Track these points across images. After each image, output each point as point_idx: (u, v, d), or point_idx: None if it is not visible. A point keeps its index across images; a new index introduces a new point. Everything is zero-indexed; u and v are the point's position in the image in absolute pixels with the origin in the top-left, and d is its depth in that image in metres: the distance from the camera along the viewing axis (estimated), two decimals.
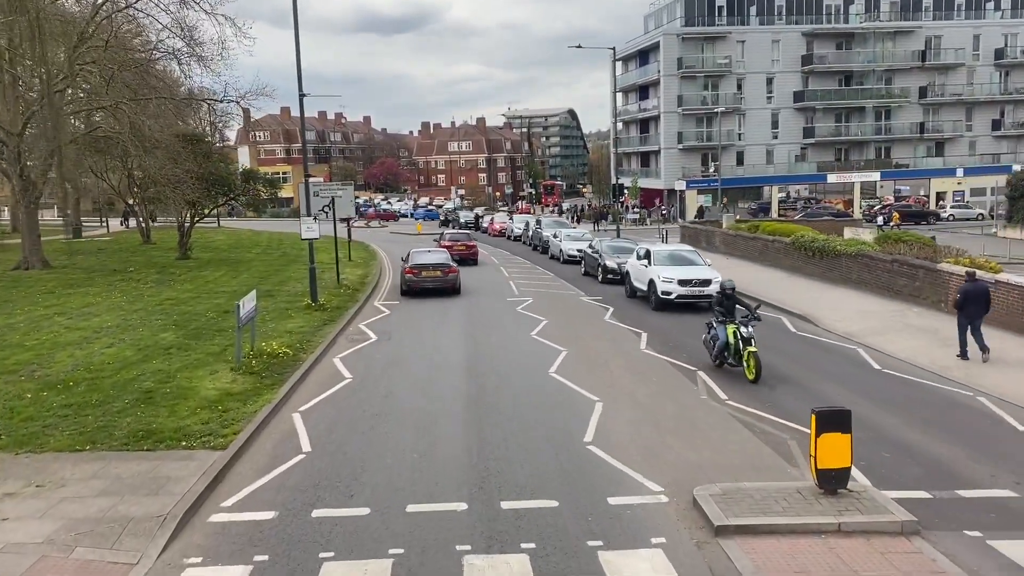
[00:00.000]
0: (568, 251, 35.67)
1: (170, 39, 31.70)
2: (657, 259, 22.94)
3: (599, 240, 32.16)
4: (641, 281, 23.23)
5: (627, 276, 24.60)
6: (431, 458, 10.31)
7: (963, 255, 21.83)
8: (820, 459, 8.56)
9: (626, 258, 28.24)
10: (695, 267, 22.46)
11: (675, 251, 24.31)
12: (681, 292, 21.39)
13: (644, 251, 24.07)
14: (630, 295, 24.13)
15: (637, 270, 23.72)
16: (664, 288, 21.54)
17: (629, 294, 24.25)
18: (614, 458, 10.22)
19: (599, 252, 29.51)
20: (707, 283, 21.23)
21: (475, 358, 16.16)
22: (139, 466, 9.87)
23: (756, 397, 13.23)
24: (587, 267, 30.83)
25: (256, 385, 13.64)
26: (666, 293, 21.50)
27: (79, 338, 17.39)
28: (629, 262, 24.82)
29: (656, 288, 21.75)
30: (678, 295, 21.42)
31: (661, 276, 21.73)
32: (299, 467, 10.13)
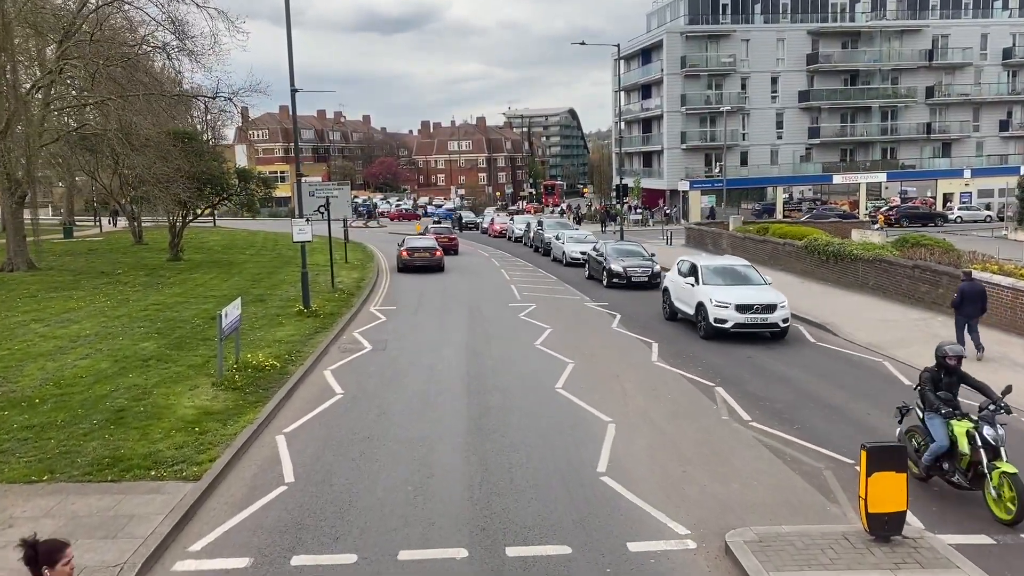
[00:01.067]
0: (571, 253, 34.58)
1: (159, 32, 30.65)
2: (706, 276, 19.00)
3: (603, 243, 30.72)
4: (686, 303, 19.28)
5: (666, 293, 20.75)
6: (427, 492, 9.24)
7: (988, 260, 20.76)
8: (871, 502, 7.49)
9: (631, 261, 27.29)
10: (755, 287, 18.58)
11: (727, 265, 19.93)
12: (740, 320, 17.37)
13: (689, 266, 19.93)
14: (669, 317, 20.41)
15: (680, 289, 19.80)
16: (718, 315, 17.58)
17: (668, 315, 20.49)
18: (632, 492, 9.16)
19: (603, 255, 28.27)
20: (771, 309, 17.48)
21: (476, 372, 15.09)
22: (100, 501, 8.79)
23: (781, 418, 12.17)
24: (591, 271, 29.59)
25: (238, 403, 12.56)
26: (720, 321, 17.55)
27: (53, 348, 16.31)
28: (668, 277, 20.97)
29: (707, 314, 17.79)
30: (736, 324, 17.39)
31: (714, 299, 17.78)
32: (280, 502, 9.06)
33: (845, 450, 10.66)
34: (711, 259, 20.96)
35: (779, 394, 13.53)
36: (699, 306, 18.33)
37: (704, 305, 18.04)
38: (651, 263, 27.43)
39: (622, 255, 27.93)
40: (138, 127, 28.38)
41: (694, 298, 18.73)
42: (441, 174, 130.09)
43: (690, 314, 18.97)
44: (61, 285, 26.65)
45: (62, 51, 28.42)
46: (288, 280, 28.13)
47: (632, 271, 26.84)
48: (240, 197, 38.47)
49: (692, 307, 18.85)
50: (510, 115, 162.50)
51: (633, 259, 27.66)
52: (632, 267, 26.98)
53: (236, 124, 55.22)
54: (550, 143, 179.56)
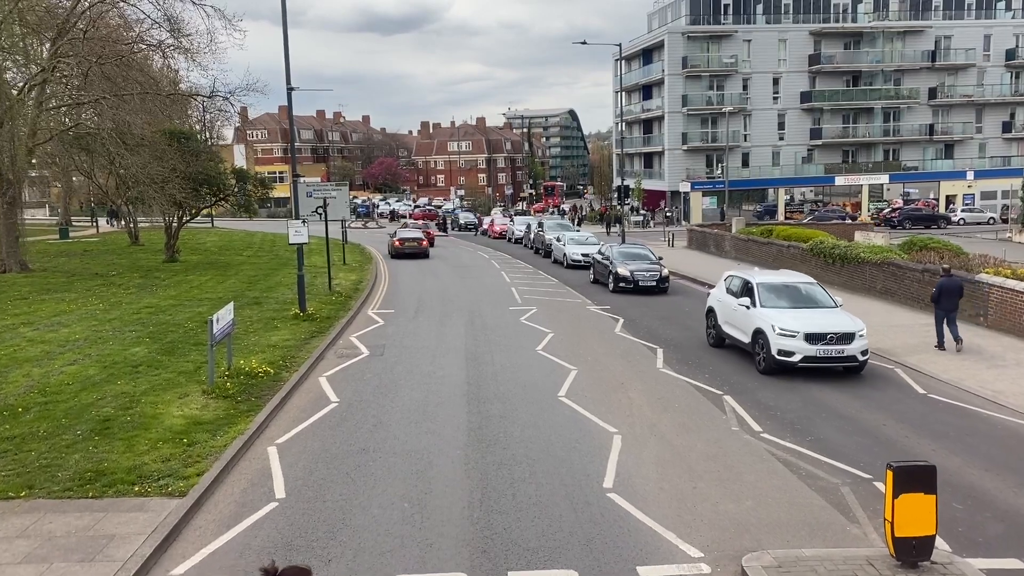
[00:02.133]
0: (572, 255, 34.00)
1: (154, 30, 30.20)
2: (764, 296, 15.85)
3: (609, 246, 29.64)
4: (738, 328, 16.20)
5: (711, 314, 17.76)
6: (425, 509, 8.77)
7: (1000, 264, 20.31)
8: (898, 525, 7.02)
9: (638, 265, 26.47)
10: (824, 311, 15.45)
11: (789, 283, 16.59)
12: (810, 353, 14.34)
13: (740, 283, 16.81)
14: (715, 343, 17.41)
15: (729, 311, 16.76)
16: (783, 346, 14.49)
17: (714, 342, 17.48)
18: (640, 510, 8.69)
19: (609, 259, 27.42)
20: (848, 339, 14.41)
21: (476, 379, 14.62)
22: (79, 520, 8.32)
23: (794, 429, 11.71)
24: (596, 274, 28.74)
25: (229, 412, 12.09)
26: (785, 353, 14.47)
27: (41, 353, 15.83)
28: (713, 294, 18.21)
29: (768, 344, 14.67)
30: (805, 357, 14.36)
31: (776, 326, 14.64)
32: (270, 519, 8.59)
33: (862, 464, 10.21)
34: (767, 275, 17.43)
35: (790, 403, 13.08)
36: (757, 334, 15.15)
37: (764, 334, 14.87)
38: (659, 267, 26.66)
39: (628, 258, 27.16)
40: (132, 126, 27.92)
41: (749, 324, 15.56)
42: (441, 174, 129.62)
43: (743, 342, 15.87)
44: (54, 287, 26.19)
45: (55, 49, 27.96)
46: (285, 282, 27.67)
47: (639, 275, 26.06)
48: (237, 198, 37.99)
49: (747, 334, 15.67)
50: (510, 116, 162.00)
51: (640, 263, 26.85)
52: (639, 271, 26.18)
53: (235, 124, 54.77)
54: (550, 144, 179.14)
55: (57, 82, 29.92)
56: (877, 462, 10.23)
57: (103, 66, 27.15)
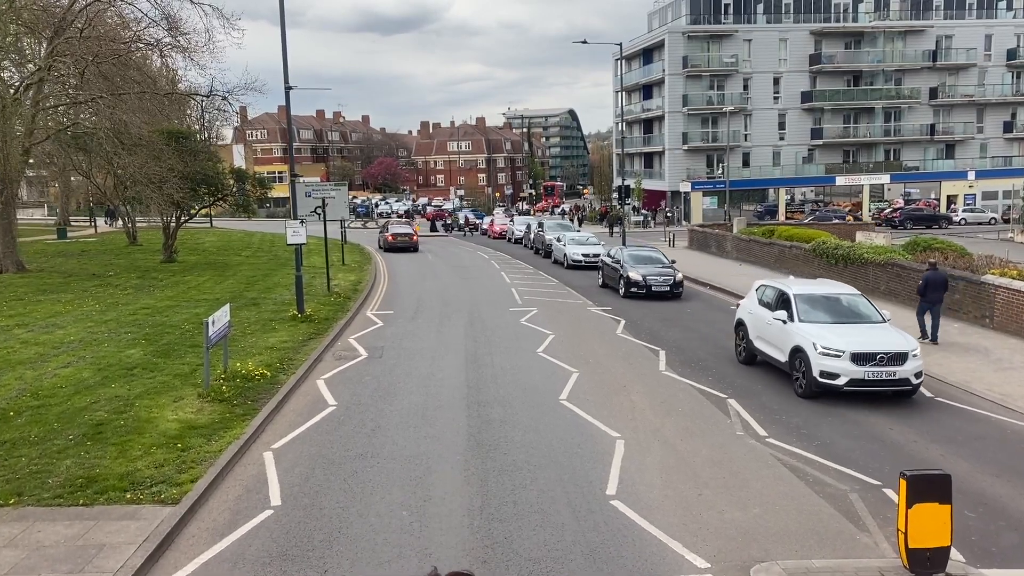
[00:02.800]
0: (573, 256, 33.55)
1: (151, 28, 29.98)
2: (804, 310, 14.14)
3: (619, 248, 27.92)
4: (773, 345, 14.56)
5: (741, 328, 16.08)
6: (424, 518, 8.56)
7: (1007, 265, 20.10)
8: (912, 536, 6.82)
9: (650, 269, 25.08)
10: (871, 327, 13.70)
11: (830, 295, 14.75)
12: (857, 375, 12.66)
13: (775, 294, 15.09)
14: (746, 360, 15.73)
15: (762, 325, 15.09)
16: (826, 366, 12.85)
17: (745, 359, 15.78)
18: (644, 519, 8.48)
19: (620, 262, 25.98)
20: (900, 359, 12.70)
21: (476, 382, 14.40)
22: (68, 528, 8.11)
23: (799, 433, 11.50)
24: (605, 278, 27.28)
25: (225, 415, 11.88)
26: (829, 376, 12.83)
27: (35, 355, 15.61)
28: (743, 306, 16.47)
29: (809, 365, 13.06)
30: (852, 380, 12.69)
31: (819, 345, 13.05)
32: (265, 528, 8.38)
33: (870, 470, 10.00)
34: (805, 285, 15.56)
35: (795, 407, 12.88)
36: (795, 353, 13.58)
37: (803, 352, 13.29)
38: (672, 271, 25.33)
39: (640, 262, 25.79)
40: (130, 126, 27.69)
41: (787, 340, 13.95)
42: (440, 174, 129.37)
43: (779, 360, 14.30)
44: (50, 288, 25.97)
45: (52, 48, 27.73)
46: (283, 283, 27.45)
47: (652, 280, 24.70)
48: (236, 198, 37.78)
49: (783, 352, 14.10)
50: (510, 115, 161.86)
51: (652, 266, 25.43)
52: (652, 275, 24.80)
53: (234, 124, 54.57)
54: (550, 143, 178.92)
55: (54, 81, 29.69)
56: (885, 468, 10.04)
57: (100, 65, 26.92)
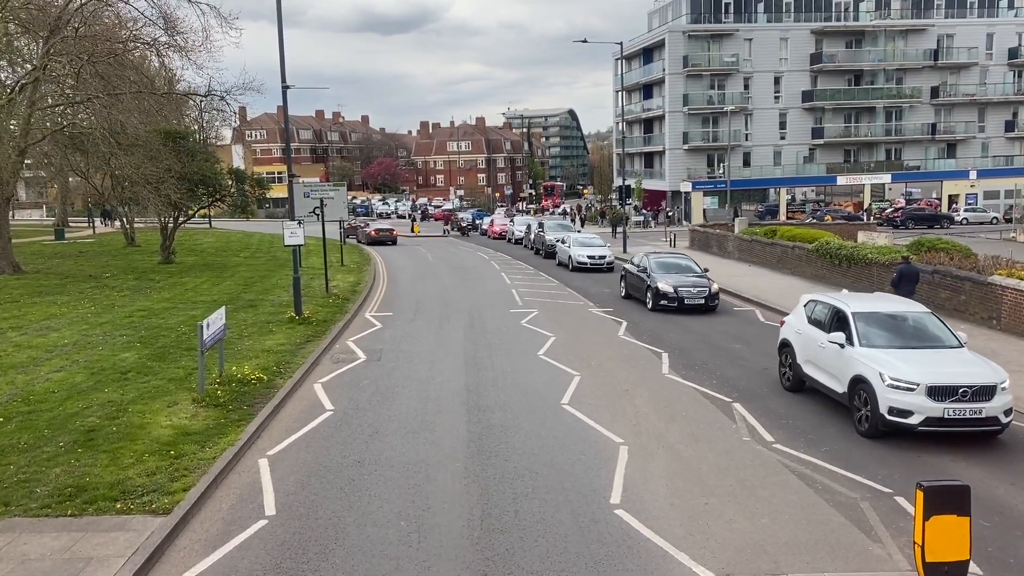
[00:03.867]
0: (578, 258, 32.58)
1: (147, 27, 29.74)
2: (867, 332, 12.05)
3: (644, 255, 24.78)
4: (828, 372, 12.52)
5: (786, 350, 14.00)
6: (423, 528, 8.30)
7: (1013, 265, 19.84)
8: (929, 549, 6.56)
9: (682, 278, 22.32)
10: (947, 353, 11.61)
11: (897, 314, 12.69)
12: (935, 413, 10.56)
13: (830, 312, 12.97)
14: (793, 386, 13.64)
15: (814, 348, 12.99)
16: (896, 402, 10.74)
17: (792, 384, 13.65)
18: (650, 529, 8.23)
19: (646, 270, 23.19)
20: (987, 394, 10.66)
21: (476, 386, 14.14)
22: (56, 540, 7.85)
23: (807, 439, 11.25)
24: (629, 288, 24.39)
25: (220, 421, 11.63)
26: (900, 413, 10.73)
27: (27, 359, 15.36)
28: (789, 324, 14.23)
29: (875, 399, 10.98)
30: (928, 419, 10.60)
31: (887, 375, 10.92)
32: (258, 539, 8.13)
33: (880, 477, 9.75)
34: (865, 301, 13.23)
35: (802, 411, 12.62)
36: (856, 384, 11.47)
37: (867, 384, 11.18)
38: (706, 280, 22.44)
39: (669, 270, 22.97)
40: (126, 126, 27.44)
41: (845, 368, 11.84)
42: (440, 175, 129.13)
43: (835, 391, 12.19)
44: (46, 289, 25.73)
45: (48, 48, 27.48)
46: (281, 284, 27.21)
47: (685, 291, 21.80)
48: (234, 198, 37.53)
49: (839, 381, 12.02)
50: (510, 115, 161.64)
51: (684, 275, 22.68)
52: (684, 286, 21.91)
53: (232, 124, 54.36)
54: (550, 143, 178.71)
55: (50, 81, 29.44)
56: (896, 475, 9.79)
57: (96, 64, 26.66)
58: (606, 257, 32.79)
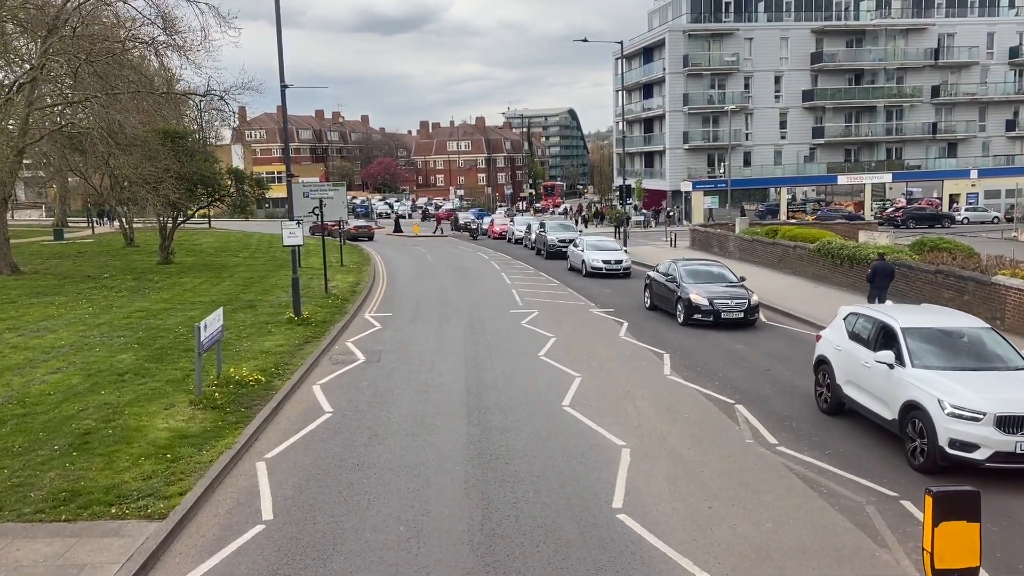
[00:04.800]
0: (592, 263, 30.21)
1: (146, 26, 29.63)
2: (919, 350, 10.64)
3: (672, 261, 22.22)
4: (874, 394, 11.08)
5: (823, 367, 12.56)
6: (422, 533, 8.18)
7: (1016, 265, 19.72)
8: (939, 556, 6.40)
9: (716, 289, 19.93)
10: (1017, 378, 10.16)
11: (952, 328, 11.25)
12: (1004, 447, 9.22)
13: (875, 326, 11.56)
14: (831, 409, 12.23)
15: (857, 368, 11.55)
16: (959, 433, 9.38)
17: (829, 407, 12.27)
18: (652, 534, 8.10)
19: (676, 279, 20.79)
20: None
21: (476, 387, 14.01)
22: (49, 547, 7.73)
23: (810, 441, 11.12)
24: (655, 299, 22.04)
25: (217, 423, 11.50)
26: (964, 446, 9.38)
27: (23, 360, 15.24)
28: (827, 339, 12.83)
29: (934, 428, 9.53)
30: (996, 454, 9.26)
31: (949, 403, 9.49)
32: (255, 544, 8.00)
33: (885, 480, 9.63)
34: (915, 314, 11.82)
35: (805, 413, 12.49)
36: (910, 410, 10.09)
37: (923, 411, 9.77)
38: (745, 291, 20.00)
39: (701, 279, 20.66)
40: (124, 126, 27.32)
41: (895, 392, 10.47)
42: (440, 174, 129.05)
43: (883, 417, 10.80)
44: (44, 290, 25.61)
45: (46, 47, 27.36)
46: (281, 285, 27.08)
47: (721, 304, 19.31)
48: (233, 198, 37.42)
49: (889, 407, 10.64)
50: (510, 115, 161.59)
51: (718, 285, 20.28)
52: (720, 298, 19.45)
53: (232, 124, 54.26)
54: (550, 143, 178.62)
55: (48, 80, 29.32)
56: (902, 479, 9.67)
57: (94, 64, 26.54)
58: (623, 262, 30.67)
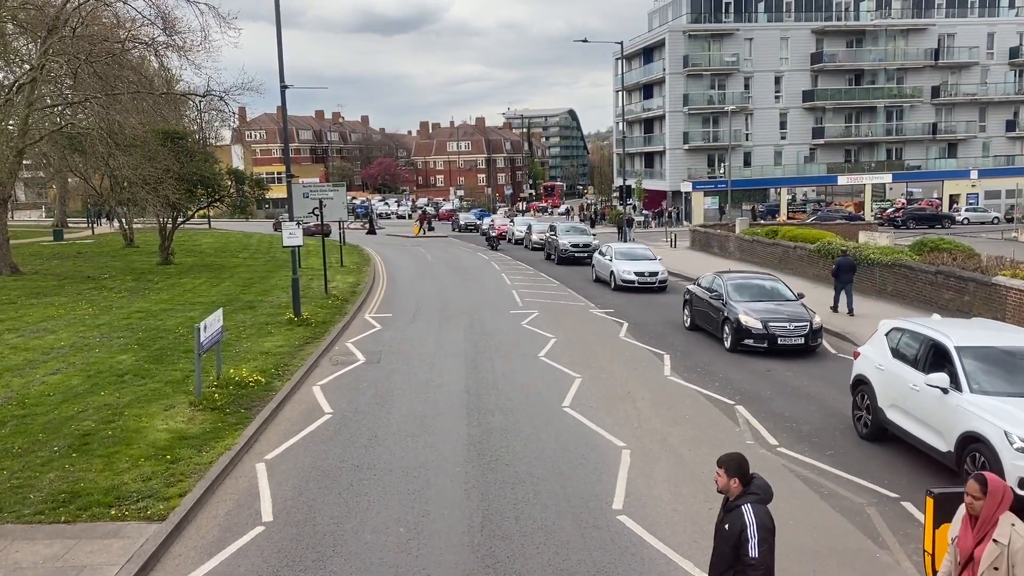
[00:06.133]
0: (623, 275, 26.36)
1: (145, 26, 29.62)
2: (979, 373, 9.41)
3: (716, 274, 19.17)
4: (923, 421, 9.84)
5: (862, 388, 11.38)
6: (422, 535, 8.16)
7: (1018, 266, 19.71)
8: (940, 558, 6.40)
9: (769, 308, 16.83)
10: None
11: (1014, 348, 9.83)
12: None
13: (924, 344, 10.31)
14: (871, 434, 11.06)
15: (903, 390, 10.32)
16: None
17: (870, 432, 11.07)
18: (653, 536, 8.09)
19: (721, 295, 17.72)
20: None
21: (476, 388, 14.00)
22: (48, 548, 7.72)
23: (811, 442, 11.11)
24: (696, 317, 19.09)
25: (217, 425, 11.49)
26: None
27: (23, 361, 15.22)
28: (866, 356, 11.59)
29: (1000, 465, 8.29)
30: None
31: (1019, 436, 8.30)
32: (255, 546, 7.99)
33: (886, 482, 9.61)
34: (969, 330, 10.44)
35: (805, 414, 12.48)
36: (968, 443, 8.92)
37: (986, 444, 8.60)
38: (804, 310, 16.85)
39: (751, 295, 17.51)
40: (123, 126, 27.32)
41: (951, 421, 9.21)
42: (440, 175, 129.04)
43: (936, 449, 9.51)
44: (43, 291, 25.58)
45: (46, 48, 27.35)
46: (280, 285, 27.07)
47: (778, 327, 16.17)
48: (233, 199, 37.41)
49: (944, 438, 9.36)
50: (510, 115, 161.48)
51: (772, 303, 17.17)
52: (776, 320, 16.31)
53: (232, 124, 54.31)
54: (550, 144, 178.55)
55: (48, 81, 29.31)
56: (903, 480, 9.66)
57: (94, 64, 26.53)
58: (658, 273, 26.66)
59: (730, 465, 5.30)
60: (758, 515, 5.10)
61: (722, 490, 5.33)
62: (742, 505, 5.13)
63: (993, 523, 4.99)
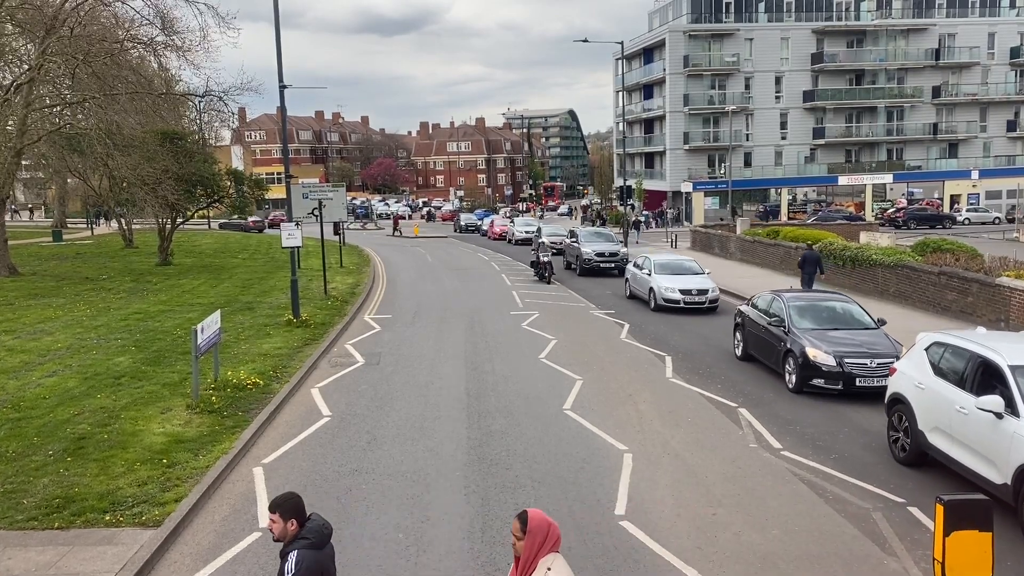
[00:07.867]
0: (665, 295, 21.98)
1: (144, 26, 29.50)
2: None
3: (775, 293, 15.86)
4: (973, 447, 8.86)
5: (899, 407, 10.35)
6: (421, 541, 8.03)
7: (1022, 266, 19.57)
8: (950, 567, 6.23)
9: (849, 341, 13.54)
10: None
11: None
12: None
13: (971, 362, 9.27)
14: (911, 458, 10.05)
15: (949, 412, 9.31)
16: None
17: (909, 456, 10.08)
18: (656, 542, 7.96)
19: (783, 321, 14.53)
20: None
21: (477, 390, 13.86)
22: (40, 555, 7.58)
23: (816, 445, 10.97)
24: (749, 344, 15.88)
25: (214, 428, 11.36)
26: None
27: (19, 364, 15.09)
28: (903, 372, 10.50)
29: None
30: None
31: None
32: (251, 552, 7.86)
33: (892, 486, 9.48)
34: (1017, 344, 9.41)
35: (809, 416, 12.35)
36: None
37: None
38: (888, 343, 13.64)
39: (820, 320, 14.42)
40: (122, 127, 27.20)
41: (1007, 450, 8.23)
42: (440, 175, 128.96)
43: (989, 480, 8.47)
44: (42, 292, 25.47)
45: (44, 47, 27.22)
46: (280, 286, 26.94)
47: (854, 364, 13.01)
48: (233, 199, 37.31)
49: (999, 469, 8.34)
50: (509, 116, 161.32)
51: (847, 333, 13.97)
52: (854, 354, 13.14)
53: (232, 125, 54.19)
54: (550, 144, 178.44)
55: (46, 81, 29.18)
56: (909, 484, 9.53)
57: (92, 64, 26.41)
58: (708, 291, 22.17)
59: (285, 508, 4.70)
60: (302, 562, 4.48)
61: (279, 538, 4.71)
62: (290, 552, 4.57)
63: (533, 566, 4.27)
